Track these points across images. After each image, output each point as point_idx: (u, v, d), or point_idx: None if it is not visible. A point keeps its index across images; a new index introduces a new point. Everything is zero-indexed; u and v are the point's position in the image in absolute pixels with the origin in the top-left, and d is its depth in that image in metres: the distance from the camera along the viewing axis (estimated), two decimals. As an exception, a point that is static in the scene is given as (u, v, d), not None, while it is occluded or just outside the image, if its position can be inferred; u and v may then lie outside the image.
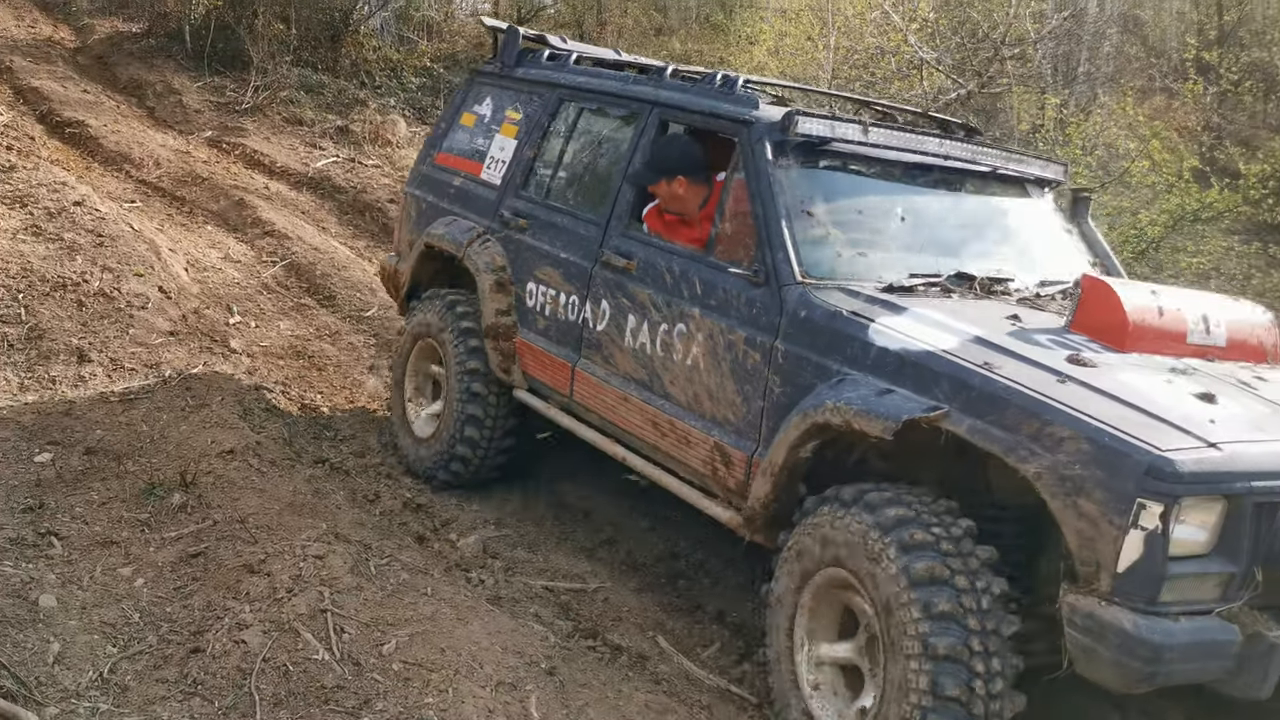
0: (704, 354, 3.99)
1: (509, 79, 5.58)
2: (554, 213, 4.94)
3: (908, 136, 4.41)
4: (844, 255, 4.04)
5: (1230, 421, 3.04)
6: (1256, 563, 2.89)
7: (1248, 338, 3.75)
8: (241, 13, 16.61)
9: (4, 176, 8.69)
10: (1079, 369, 3.20)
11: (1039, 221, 4.81)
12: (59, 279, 6.59)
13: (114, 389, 5.49)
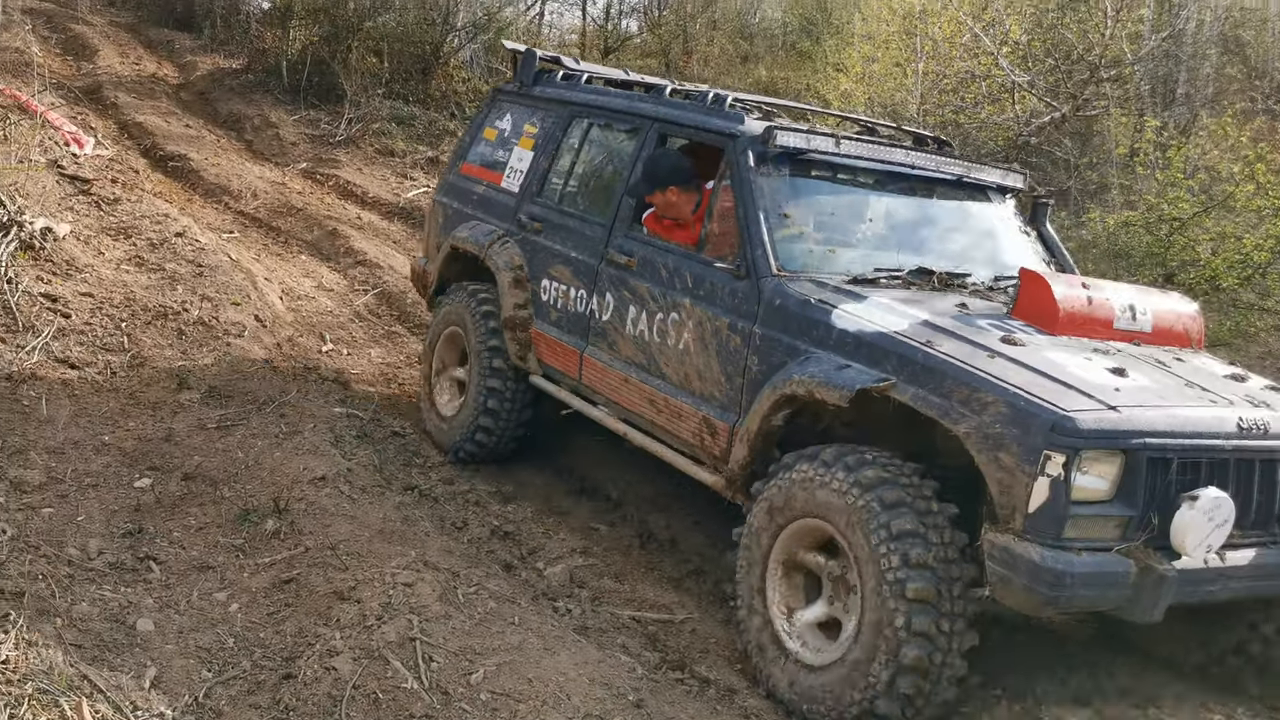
0: (694, 339, 4.52)
1: (527, 97, 6.13)
2: (565, 216, 5.50)
3: (877, 148, 4.94)
4: (816, 252, 4.61)
5: (1134, 390, 3.61)
6: (1152, 508, 3.41)
7: (1173, 325, 4.37)
8: (336, 48, 17.04)
9: (110, 209, 8.98)
10: (1009, 347, 3.76)
11: (999, 224, 5.36)
12: (160, 308, 6.78)
13: (210, 415, 5.59)
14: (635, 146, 5.23)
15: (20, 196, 7.38)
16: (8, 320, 5.93)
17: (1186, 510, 3.38)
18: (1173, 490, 3.43)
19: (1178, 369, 4.00)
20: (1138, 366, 3.85)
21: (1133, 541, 3.40)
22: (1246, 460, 3.62)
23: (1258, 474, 3.66)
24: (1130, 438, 3.38)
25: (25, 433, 4.99)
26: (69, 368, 5.80)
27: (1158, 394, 3.67)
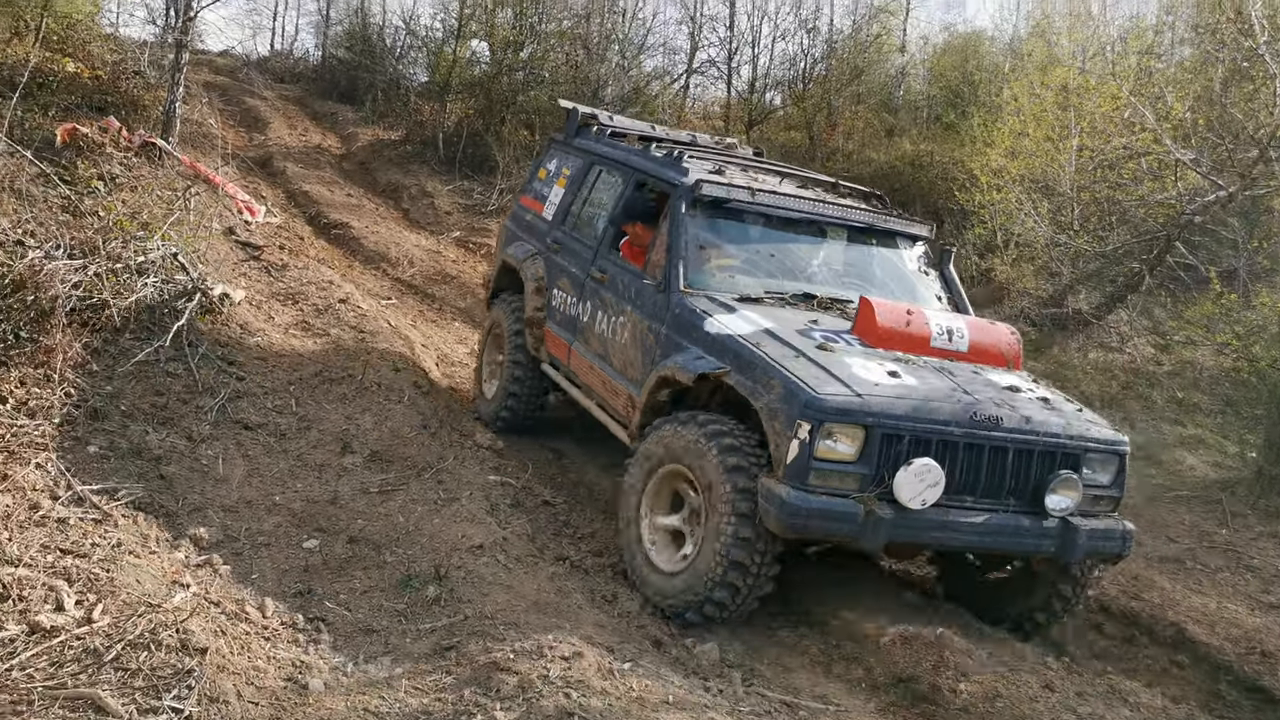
0: (629, 336, 5.85)
1: (568, 146, 7.59)
2: (573, 241, 6.86)
3: (789, 198, 6.15)
4: (717, 276, 5.85)
5: (891, 386, 4.75)
6: (885, 469, 4.57)
7: (989, 348, 5.47)
8: (490, 120, 17.68)
9: (279, 274, 9.42)
10: (818, 352, 4.93)
11: (901, 264, 6.50)
12: (327, 372, 7.06)
13: (373, 480, 5.78)
14: (620, 188, 6.64)
15: (201, 263, 7.82)
16: (189, 382, 6.25)
17: (902, 472, 4.54)
18: (903, 458, 4.58)
19: (960, 378, 5.07)
20: (917, 373, 4.98)
21: (867, 492, 4.57)
22: (976, 445, 4.75)
23: (986, 456, 4.78)
24: (867, 418, 4.57)
25: (204, 491, 5.25)
26: (243, 429, 6.07)
27: (912, 391, 4.79)
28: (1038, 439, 4.88)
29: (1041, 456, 4.91)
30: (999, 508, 4.85)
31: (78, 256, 6.54)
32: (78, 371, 5.76)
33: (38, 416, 5.16)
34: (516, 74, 18.89)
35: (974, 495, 4.79)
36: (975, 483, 4.79)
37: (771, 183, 6.46)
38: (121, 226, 7.12)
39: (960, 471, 4.73)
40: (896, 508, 4.55)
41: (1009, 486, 4.87)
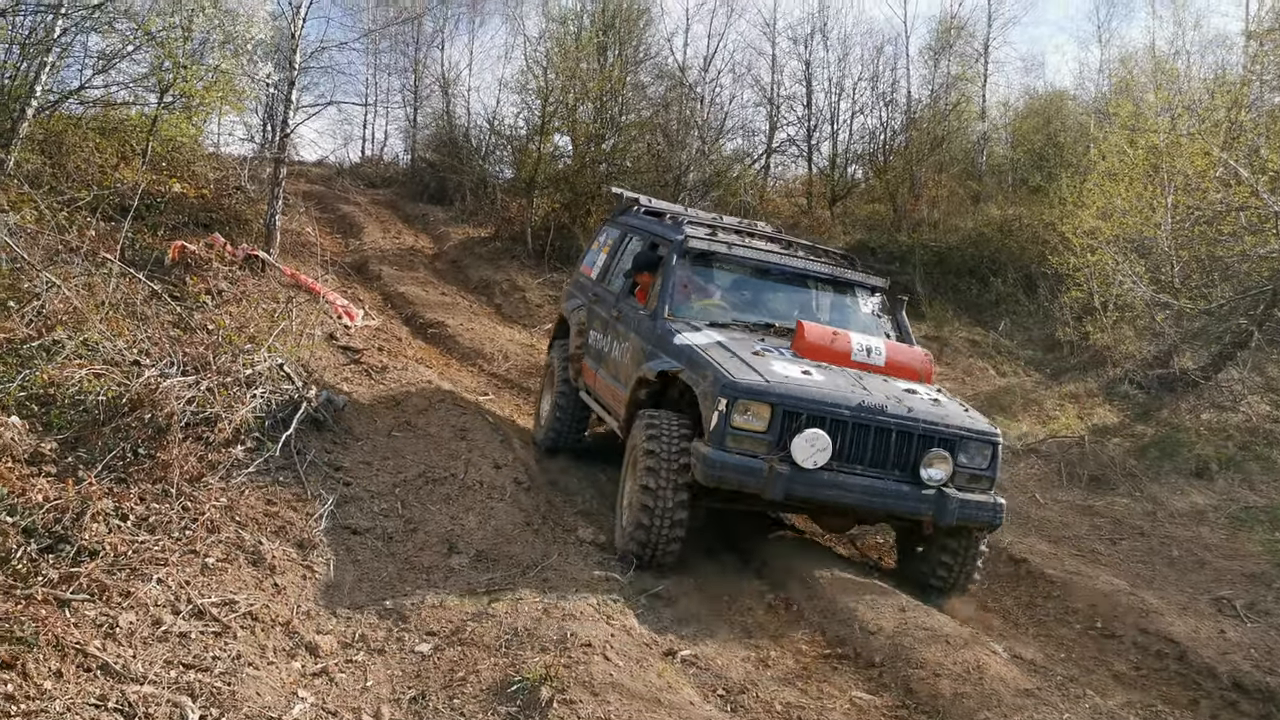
0: (629, 356, 7.35)
1: (615, 222, 9.44)
2: (605, 292, 8.54)
3: (757, 251, 7.93)
4: (697, 308, 7.45)
5: (800, 380, 6.21)
6: (787, 438, 5.95)
7: (904, 365, 6.97)
8: (576, 213, 18.00)
9: (379, 376, 9.64)
10: (751, 356, 6.41)
11: (858, 308, 8.05)
12: (430, 473, 7.17)
13: (480, 580, 5.82)
14: (639, 248, 8.30)
15: (305, 371, 8.05)
16: (299, 490, 6.40)
17: (796, 439, 5.94)
18: (799, 426, 5.99)
19: (865, 382, 6.53)
20: (828, 374, 6.47)
21: (773, 455, 5.94)
22: (862, 425, 6.11)
23: (871, 434, 6.13)
24: (772, 398, 5.98)
25: (316, 598, 5.33)
26: (352, 534, 6.18)
27: (815, 384, 6.22)
28: (917, 425, 6.24)
29: (920, 438, 6.23)
30: (883, 476, 6.17)
31: (190, 372, 6.79)
32: (194, 485, 5.93)
33: (157, 531, 5.32)
34: (600, 166, 19.27)
35: (861, 464, 6.15)
36: (862, 454, 6.15)
37: (759, 244, 8.17)
38: (230, 341, 7.38)
39: (849, 444, 6.10)
40: (794, 467, 5.93)
41: (891, 460, 6.20)
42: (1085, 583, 7.04)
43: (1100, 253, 12.13)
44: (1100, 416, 11.29)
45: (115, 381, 6.38)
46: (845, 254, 8.78)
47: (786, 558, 6.89)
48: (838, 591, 6.12)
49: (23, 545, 4.68)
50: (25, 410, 6.16)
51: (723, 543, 7.13)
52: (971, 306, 16.64)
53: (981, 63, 24.29)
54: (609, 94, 19.96)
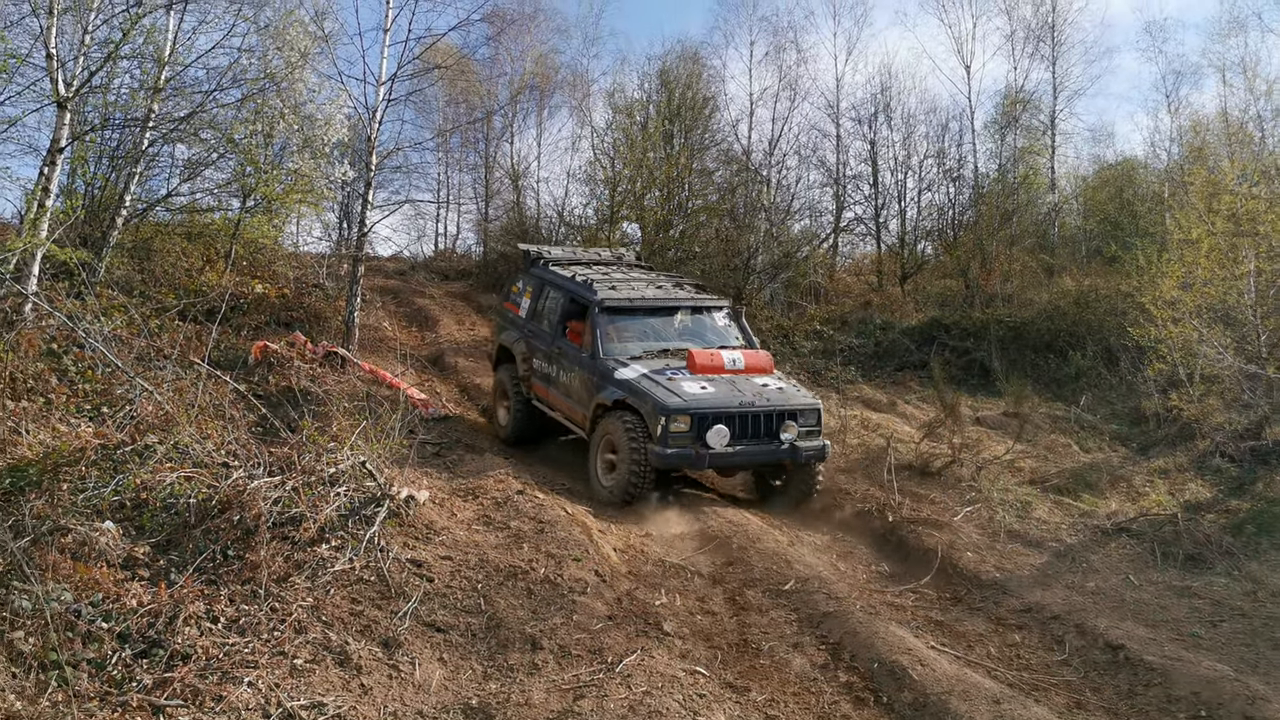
0: (579, 382, 10.87)
1: (529, 273, 12.91)
2: (539, 329, 12.03)
3: (656, 295, 11.51)
4: (617, 346, 10.74)
5: (701, 394, 9.90)
6: (703, 432, 9.68)
7: (755, 365, 10.69)
8: (646, 298, 18.08)
9: (457, 469, 9.71)
10: (667, 380, 10.06)
11: (715, 323, 11.69)
12: (510, 567, 7.17)
13: (564, 677, 5.77)
14: (561, 302, 11.75)
15: (386, 468, 8.15)
16: (383, 588, 6.44)
17: (709, 432, 9.63)
18: (709, 425, 9.64)
19: (737, 384, 10.18)
20: (716, 385, 10.09)
21: (696, 444, 9.64)
22: (744, 415, 9.84)
23: (750, 420, 9.86)
24: (692, 412, 9.63)
25: (402, 698, 5.33)
26: (435, 631, 6.18)
27: (712, 396, 9.88)
28: (774, 407, 10.10)
29: (777, 415, 10.09)
30: (760, 443, 10.03)
31: (276, 473, 6.91)
32: (281, 585, 6.01)
33: (247, 633, 5.38)
34: (669, 252, 19.44)
35: (746, 438, 9.96)
36: (745, 433, 9.95)
37: (641, 283, 11.91)
38: (314, 440, 7.51)
39: (738, 429, 9.89)
40: (709, 449, 9.73)
41: (762, 432, 10.05)
42: (1187, 669, 6.76)
43: (1183, 324, 11.89)
44: (1192, 492, 10.96)
45: (205, 484, 6.52)
46: (698, 284, 12.84)
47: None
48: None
49: (118, 651, 4.77)
50: (119, 515, 6.31)
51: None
52: (1051, 381, 16.35)
53: (1049, 135, 24.21)
54: (675, 181, 20.22)
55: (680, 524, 9.46)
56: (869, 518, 10.07)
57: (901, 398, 15.97)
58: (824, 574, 8.28)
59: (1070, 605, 8.04)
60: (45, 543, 5.63)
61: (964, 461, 11.47)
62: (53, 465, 6.64)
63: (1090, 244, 22.44)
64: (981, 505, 10.33)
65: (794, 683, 6.30)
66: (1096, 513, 10.46)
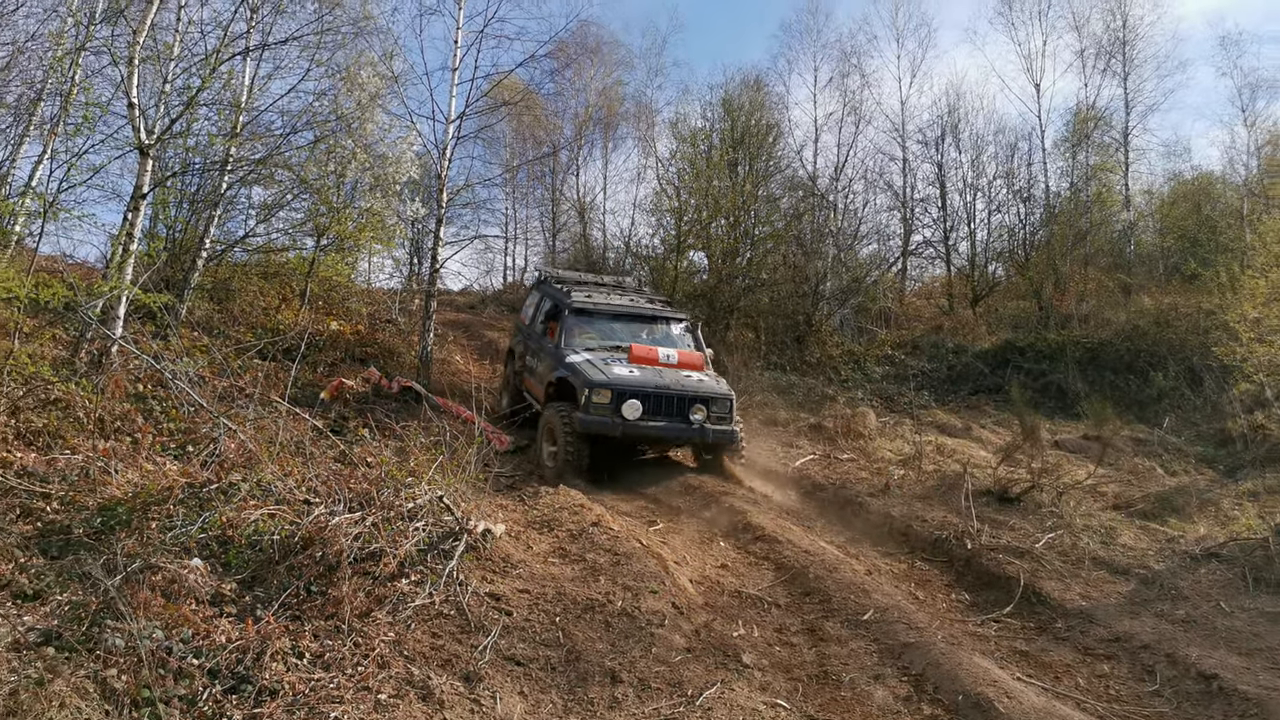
0: (544, 367, 13.36)
1: (537, 288, 15.72)
2: (532, 332, 14.64)
3: (623, 302, 14.26)
4: (578, 340, 13.17)
5: (626, 375, 12.01)
6: (620, 404, 11.63)
7: (688, 362, 12.78)
8: (715, 327, 18.10)
9: (532, 503, 9.77)
10: (602, 365, 12.25)
11: (672, 332, 13.95)
12: (588, 600, 7.18)
13: (644, 710, 5.75)
14: (546, 307, 14.34)
15: (463, 502, 8.22)
16: (462, 622, 6.48)
17: (624, 405, 11.57)
18: (625, 399, 11.59)
19: (663, 373, 12.22)
20: (644, 371, 12.20)
21: (614, 414, 11.54)
22: (658, 395, 11.77)
23: (663, 400, 11.78)
24: (611, 385, 11.67)
25: (484, 733, 5.35)
26: (515, 664, 6.20)
27: (635, 377, 11.96)
28: (686, 392, 11.85)
29: (689, 399, 11.85)
30: (671, 421, 11.77)
31: (356, 508, 7.01)
32: (363, 620, 6.08)
33: (332, 669, 5.45)
34: (736, 280, 19.44)
35: (658, 416, 11.72)
36: (659, 411, 11.72)
37: (615, 297, 14.53)
38: (392, 475, 7.61)
39: (651, 406, 11.66)
40: (624, 419, 11.49)
41: (674, 412, 11.78)
42: (1287, 700, 6.55)
43: (1269, 342, 11.58)
44: (1284, 515, 10.64)
45: (288, 521, 6.63)
46: (667, 300, 16.12)
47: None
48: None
49: (208, 687, 4.86)
50: (206, 552, 6.44)
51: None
52: (1132, 403, 16.02)
53: (1121, 151, 23.81)
54: (741, 209, 20.24)
55: (754, 554, 9.40)
56: (947, 545, 9.91)
57: (976, 422, 15.75)
58: (903, 603, 8.16)
59: (1160, 634, 7.83)
60: (136, 580, 5.76)
61: (1044, 487, 11.26)
62: (142, 503, 6.81)
63: (1168, 261, 21.98)
64: (1064, 532, 10.13)
65: (876, 715, 6.21)
66: (1184, 538, 10.20)
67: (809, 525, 10.91)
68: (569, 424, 11.58)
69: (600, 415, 11.51)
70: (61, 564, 6.12)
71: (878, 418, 15.25)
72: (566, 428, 11.57)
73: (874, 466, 13.05)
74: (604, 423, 11.48)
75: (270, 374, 11.38)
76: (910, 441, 13.26)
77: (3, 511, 6.77)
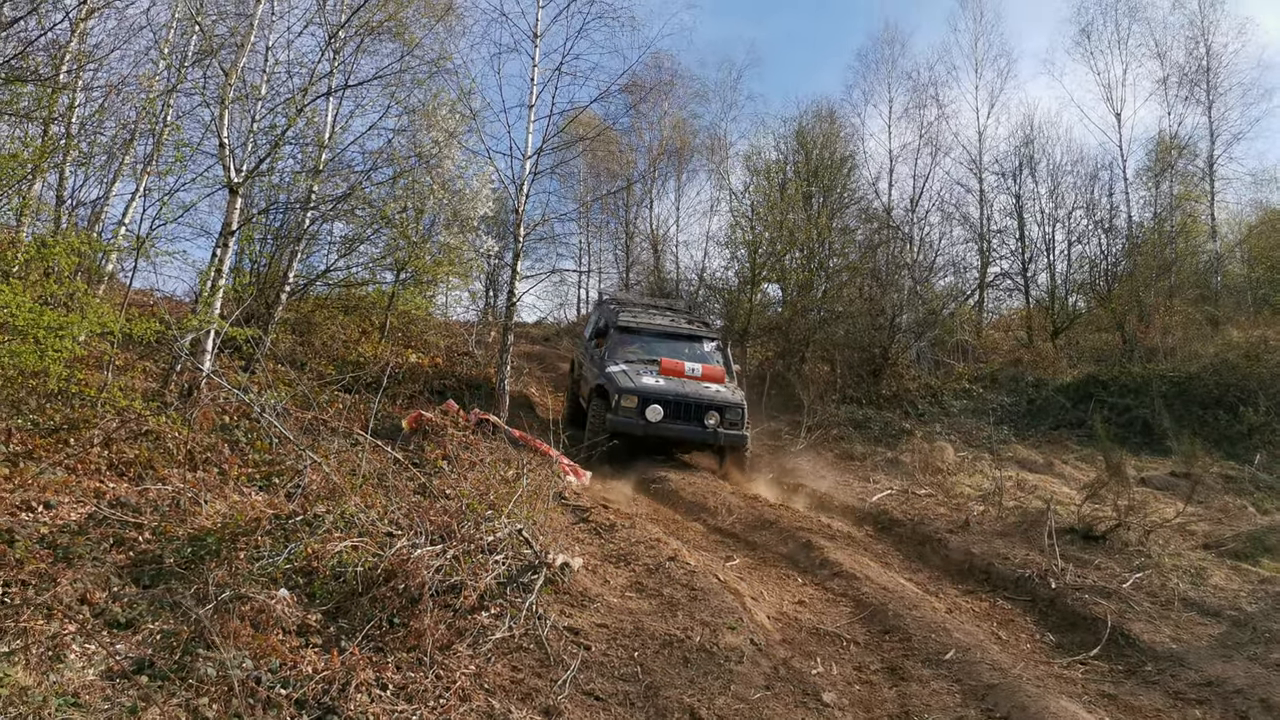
0: (591, 374, 15.76)
1: (597, 308, 19.29)
2: (587, 345, 17.05)
3: (662, 321, 16.93)
4: (620, 354, 15.58)
5: (654, 385, 14.44)
6: (645, 409, 14.14)
7: (710, 375, 15.10)
8: (790, 360, 18.04)
9: (608, 536, 9.78)
10: (636, 376, 14.68)
11: (704, 349, 16.38)
12: (666, 635, 7.16)
13: (724, 748, 5.71)
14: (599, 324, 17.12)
15: (540, 535, 8.27)
16: (541, 656, 6.51)
17: (648, 409, 14.02)
18: (649, 404, 14.07)
19: (687, 385, 14.61)
20: (671, 382, 14.64)
21: (641, 416, 14.05)
22: (677, 402, 14.20)
23: (681, 406, 14.20)
24: (639, 394, 14.15)
25: (564, 768, 5.35)
26: (594, 699, 6.20)
27: (660, 386, 14.35)
28: (702, 399, 14.16)
29: (705, 406, 14.13)
30: (688, 425, 14.08)
31: (437, 541, 7.09)
32: (444, 653, 6.13)
33: (414, 701, 5.50)
34: (811, 313, 19.36)
35: (679, 420, 14.05)
36: (678, 416, 14.05)
37: (659, 319, 16.70)
38: (472, 508, 7.69)
39: (671, 411, 14.03)
40: (647, 421, 13.93)
41: (691, 417, 14.08)
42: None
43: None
44: (1385, 556, 10.27)
45: (370, 553, 6.73)
46: (705, 322, 18.17)
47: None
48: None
49: (296, 717, 4.93)
50: (291, 582, 6.56)
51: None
52: (1221, 439, 15.59)
53: (1207, 181, 23.32)
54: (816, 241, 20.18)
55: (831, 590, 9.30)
56: (1031, 584, 9.71)
57: (1058, 458, 15.44)
58: (986, 643, 8.02)
59: (1254, 678, 7.59)
60: (226, 610, 5.88)
61: (1131, 525, 10.99)
62: (230, 534, 6.96)
63: (1257, 293, 21.43)
64: (1152, 571, 9.87)
65: (961, 758, 6.10)
66: (1277, 579, 9.88)
67: (886, 561, 10.77)
68: (600, 422, 14.13)
69: (627, 417, 13.96)
70: (153, 593, 6.28)
71: (956, 452, 15.03)
72: (598, 423, 14.18)
73: (953, 502, 12.86)
74: (630, 423, 13.91)
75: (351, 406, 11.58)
76: (990, 477, 13.04)
77: (98, 541, 6.97)
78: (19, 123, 11.89)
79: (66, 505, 7.64)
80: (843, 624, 8.51)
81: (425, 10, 16.60)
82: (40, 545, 6.65)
